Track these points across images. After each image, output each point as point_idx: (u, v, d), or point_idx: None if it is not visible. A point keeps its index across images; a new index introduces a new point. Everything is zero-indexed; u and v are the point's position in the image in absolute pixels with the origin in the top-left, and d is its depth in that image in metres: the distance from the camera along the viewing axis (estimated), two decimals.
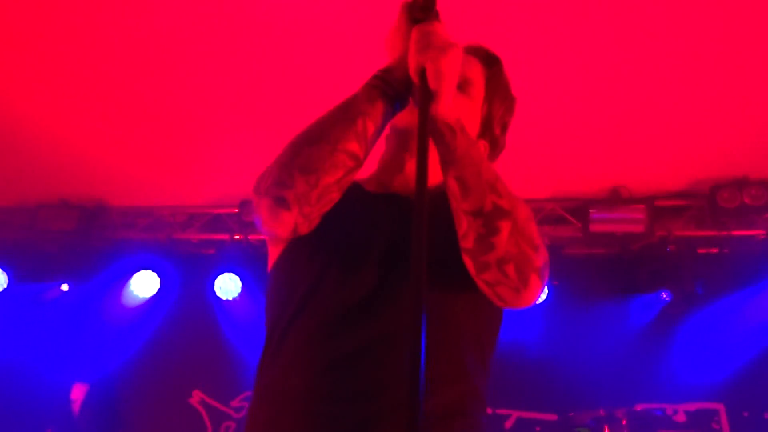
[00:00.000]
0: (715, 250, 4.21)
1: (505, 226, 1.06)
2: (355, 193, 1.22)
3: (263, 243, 4.42)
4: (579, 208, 4.22)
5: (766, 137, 3.66)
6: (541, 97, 3.54)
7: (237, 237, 4.56)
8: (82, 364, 4.51)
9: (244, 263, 4.45)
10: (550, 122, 3.69)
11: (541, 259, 1.10)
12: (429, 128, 1.06)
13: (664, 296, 4.15)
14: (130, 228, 4.80)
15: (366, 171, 1.30)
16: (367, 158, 1.16)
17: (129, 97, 3.78)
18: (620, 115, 3.63)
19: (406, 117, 1.22)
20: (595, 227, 4.12)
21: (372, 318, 1.12)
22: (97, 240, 4.69)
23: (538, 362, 4.05)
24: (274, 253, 1.28)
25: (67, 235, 4.60)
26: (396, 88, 1.14)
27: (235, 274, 4.47)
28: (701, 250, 4.18)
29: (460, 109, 1.17)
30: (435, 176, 1.28)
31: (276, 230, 1.15)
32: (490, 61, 1.39)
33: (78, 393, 4.35)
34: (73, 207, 4.64)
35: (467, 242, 1.09)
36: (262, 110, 3.78)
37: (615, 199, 4.14)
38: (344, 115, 1.12)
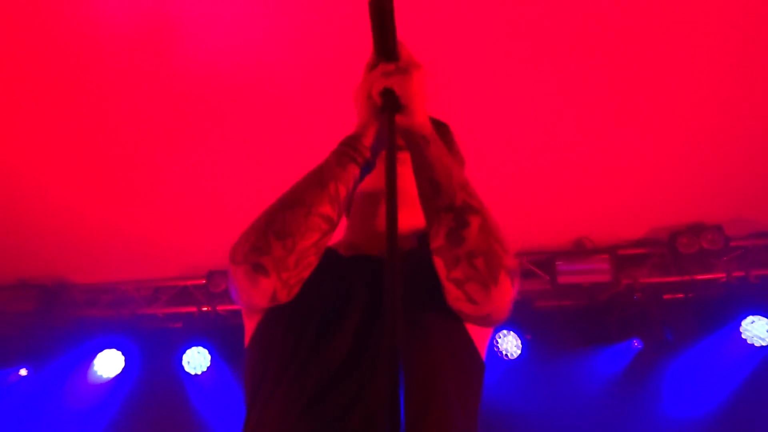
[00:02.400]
0: (680, 296, 4.28)
1: (474, 221, 1.09)
2: (326, 259, 1.22)
3: (232, 314, 4.33)
4: (545, 261, 4.28)
5: (718, 184, 3.81)
6: (502, 155, 3.64)
7: (205, 309, 4.47)
8: None
9: (213, 335, 4.35)
10: (512, 177, 3.78)
11: (511, 261, 1.11)
12: (406, 139, 1.12)
13: (636, 344, 4.18)
14: (93, 305, 4.68)
15: (336, 235, 1.30)
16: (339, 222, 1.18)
17: (88, 169, 3.75)
18: (580, 167, 3.74)
19: (373, 180, 1.26)
20: (562, 279, 4.17)
21: (350, 384, 1.10)
22: (59, 320, 4.54)
23: (516, 418, 4.00)
24: (249, 327, 1.27)
25: (26, 317, 4.45)
26: (364, 155, 1.18)
27: (204, 347, 4.36)
28: (667, 296, 4.26)
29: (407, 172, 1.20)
30: (406, 241, 1.32)
31: (254, 298, 1.14)
32: (437, 126, 1.44)
33: None
34: (32, 286, 4.51)
35: (438, 240, 1.11)
36: (226, 180, 3.78)
37: (579, 250, 4.22)
38: (317, 180, 1.15)
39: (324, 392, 1.10)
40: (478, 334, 1.23)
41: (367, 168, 1.20)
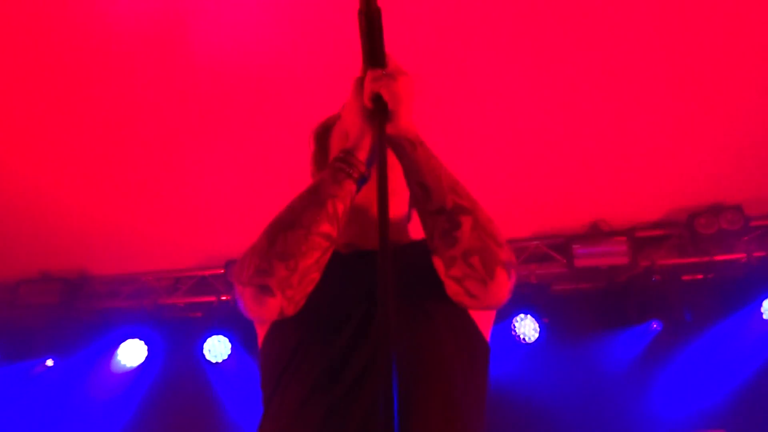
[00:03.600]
0: (699, 276, 4.25)
1: (466, 221, 1.14)
2: (329, 260, 1.29)
3: None
4: (562, 245, 4.26)
5: (737, 164, 3.77)
6: (517, 139, 3.63)
7: (224, 298, 4.52)
8: None
9: (233, 324, 4.40)
10: (527, 161, 3.77)
11: (505, 254, 1.15)
12: (393, 144, 1.17)
13: (655, 326, 4.16)
14: (114, 297, 4.75)
15: None
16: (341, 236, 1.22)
17: (106, 162, 3.80)
18: (595, 150, 3.71)
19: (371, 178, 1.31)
20: (580, 262, 4.15)
21: (353, 371, 1.15)
22: (82, 312, 4.62)
23: (535, 401, 4.01)
24: (261, 332, 1.34)
25: (50, 309, 4.54)
26: (359, 169, 1.21)
27: (224, 335, 4.41)
28: (686, 277, 4.23)
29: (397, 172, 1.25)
30: (401, 235, 1.38)
31: (263, 316, 1.21)
32: None
33: None
34: (54, 279, 4.59)
35: (434, 241, 1.17)
36: (243, 170, 3.81)
37: (596, 233, 4.20)
38: (314, 199, 1.18)
39: (330, 381, 1.16)
40: (480, 316, 1.28)
41: (362, 182, 1.24)
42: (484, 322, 1.30)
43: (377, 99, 1.16)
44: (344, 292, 1.25)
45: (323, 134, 1.52)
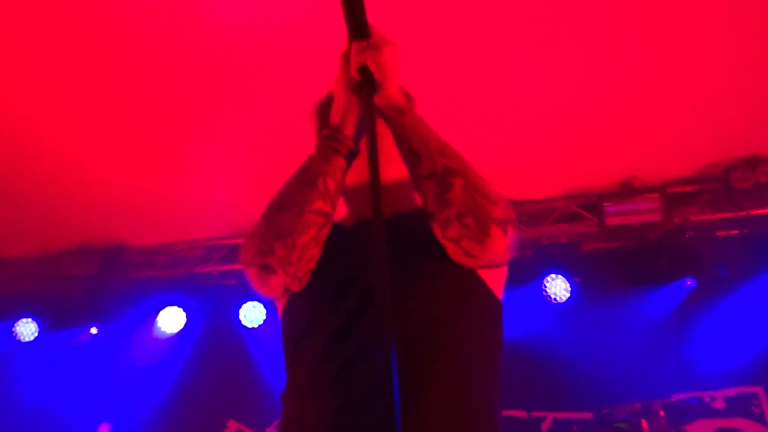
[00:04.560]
0: (735, 232, 4.17)
1: (457, 183, 1.17)
2: (333, 233, 1.34)
3: None
4: (592, 203, 4.21)
5: None
6: (544, 96, 3.57)
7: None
8: (115, 405, 4.56)
9: None
10: (555, 119, 3.71)
11: (500, 211, 1.18)
12: (382, 113, 1.20)
13: (689, 283, 4.11)
14: (151, 266, 4.87)
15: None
16: (336, 209, 1.26)
17: (139, 136, 3.86)
18: (625, 105, 3.63)
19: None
20: (611, 221, 4.10)
21: (359, 336, 1.19)
22: (120, 281, 4.76)
23: (567, 361, 4.02)
24: (279, 306, 1.41)
25: (90, 280, 4.68)
26: (347, 145, 1.25)
27: (259, 301, 4.51)
28: (720, 233, 4.15)
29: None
30: (406, 202, 1.40)
31: (269, 293, 1.27)
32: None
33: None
34: (93, 251, 4.73)
35: (428, 205, 1.20)
36: (271, 139, 3.83)
37: (627, 190, 4.13)
38: (305, 178, 1.23)
39: (340, 343, 1.20)
40: (489, 275, 1.30)
41: (352, 156, 1.26)
42: (494, 279, 1.31)
43: (363, 70, 1.19)
44: (347, 261, 1.29)
45: (324, 110, 1.53)
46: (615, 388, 3.81)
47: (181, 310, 4.65)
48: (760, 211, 4.02)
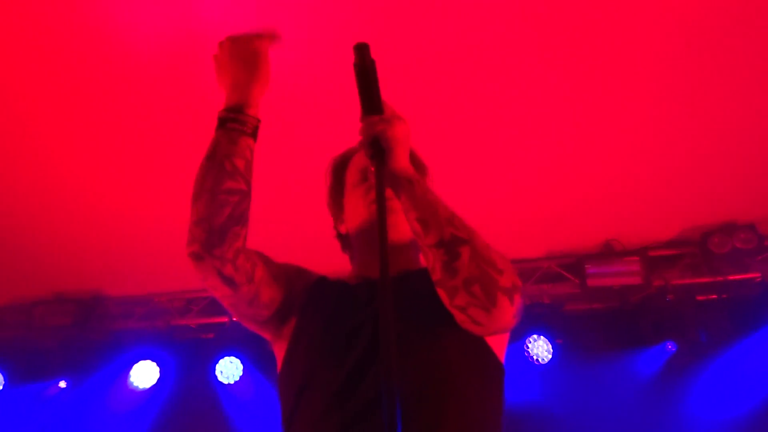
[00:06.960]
0: (714, 296, 4.21)
1: (464, 251, 1.18)
2: (336, 290, 1.37)
3: None
4: (574, 264, 4.25)
5: (750, 182, 3.75)
6: (528, 159, 3.64)
7: (236, 319, 4.51)
8: None
9: (245, 345, 4.40)
10: (539, 181, 3.77)
11: (507, 281, 1.19)
12: (391, 182, 1.25)
13: (669, 347, 4.12)
14: (128, 318, 4.77)
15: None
16: (251, 187, 1.32)
17: (118, 185, 3.84)
18: (607, 170, 3.71)
19: (367, 213, 1.42)
20: (592, 282, 4.13)
21: (365, 393, 1.19)
22: (95, 332, 4.65)
23: (546, 423, 3.97)
24: (279, 356, 1.43)
25: (64, 330, 4.57)
26: (251, 124, 1.32)
27: (236, 356, 4.42)
28: (700, 297, 4.19)
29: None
30: (411, 262, 1.45)
31: (213, 286, 1.32)
32: (416, 165, 1.52)
33: None
34: (68, 301, 4.62)
35: (436, 273, 1.21)
36: (255, 189, 3.83)
37: (609, 252, 4.18)
38: (211, 164, 1.29)
39: (342, 402, 1.20)
40: (493, 339, 1.31)
41: (256, 131, 1.33)
42: (498, 344, 1.33)
43: (374, 143, 1.23)
44: (351, 319, 1.31)
45: (340, 167, 1.59)
46: None
47: (155, 364, 4.53)
48: (737, 277, 4.08)
